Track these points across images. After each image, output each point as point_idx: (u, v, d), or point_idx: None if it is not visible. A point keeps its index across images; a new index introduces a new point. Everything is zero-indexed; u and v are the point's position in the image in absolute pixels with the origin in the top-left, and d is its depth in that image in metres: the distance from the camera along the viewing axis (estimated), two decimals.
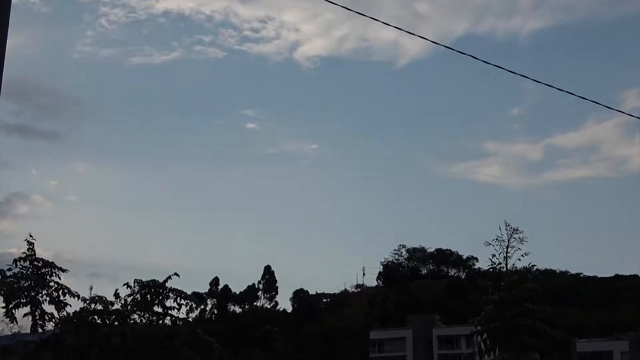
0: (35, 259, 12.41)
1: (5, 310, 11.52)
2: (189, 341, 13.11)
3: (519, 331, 9.03)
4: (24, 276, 12.00)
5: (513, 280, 9.40)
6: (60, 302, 12.23)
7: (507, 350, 8.89)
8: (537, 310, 9.21)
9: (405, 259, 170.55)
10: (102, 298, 12.62)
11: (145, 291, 12.95)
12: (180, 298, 13.17)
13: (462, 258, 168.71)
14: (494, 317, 9.28)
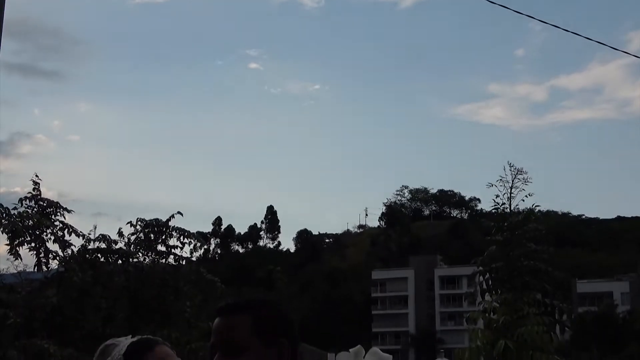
0: (41, 198, 12.40)
1: (9, 247, 11.53)
2: (192, 280, 13.16)
3: (522, 272, 9.08)
4: (28, 215, 12.00)
5: (517, 221, 9.41)
6: (65, 241, 12.26)
7: (509, 290, 8.96)
8: (540, 251, 9.24)
9: (408, 199, 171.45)
10: (106, 237, 12.62)
11: (148, 230, 12.95)
12: (184, 237, 13.17)
13: (464, 199, 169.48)
14: (496, 257, 9.34)
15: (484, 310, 9.28)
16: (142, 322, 11.99)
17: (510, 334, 8.67)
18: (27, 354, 9.46)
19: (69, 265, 11.74)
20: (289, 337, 2.54)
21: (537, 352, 8.38)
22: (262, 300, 2.62)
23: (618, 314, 54.22)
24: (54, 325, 11.31)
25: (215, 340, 2.54)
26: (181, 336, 11.71)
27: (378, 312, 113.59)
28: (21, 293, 12.29)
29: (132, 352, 2.73)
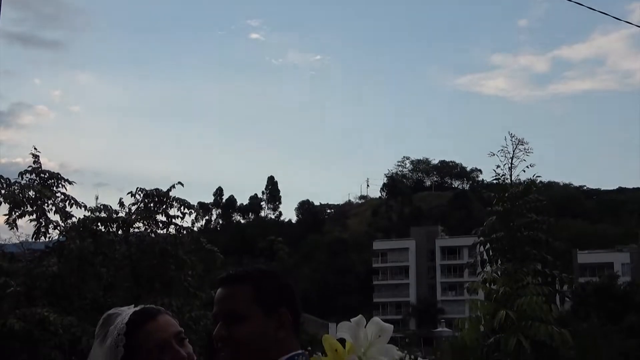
0: (42, 170, 12.40)
1: (7, 217, 11.57)
2: (192, 250, 13.20)
3: (522, 242, 9.08)
4: (29, 187, 12.02)
5: (517, 191, 9.38)
6: (66, 212, 12.28)
7: (509, 260, 8.97)
8: (540, 222, 9.23)
9: (409, 170, 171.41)
10: (107, 207, 12.64)
11: (148, 200, 12.96)
12: (184, 207, 13.18)
13: (466, 170, 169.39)
14: (497, 228, 9.33)
15: (484, 280, 9.31)
16: (144, 291, 12.06)
17: (510, 304, 8.71)
18: (28, 322, 9.52)
19: (70, 235, 11.77)
20: (290, 307, 2.56)
21: (537, 322, 8.42)
22: (263, 270, 2.64)
23: (619, 285, 54.38)
24: (55, 293, 11.37)
25: (217, 310, 2.56)
26: (183, 305, 11.78)
27: (379, 282, 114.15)
28: (22, 262, 12.34)
29: (135, 321, 2.75)
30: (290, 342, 2.53)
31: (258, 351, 2.48)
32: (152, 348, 2.71)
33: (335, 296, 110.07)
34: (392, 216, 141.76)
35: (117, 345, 2.73)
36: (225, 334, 2.51)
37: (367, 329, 2.42)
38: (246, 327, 2.48)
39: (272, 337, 2.49)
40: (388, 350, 2.38)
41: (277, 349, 2.49)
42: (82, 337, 9.58)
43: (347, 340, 2.38)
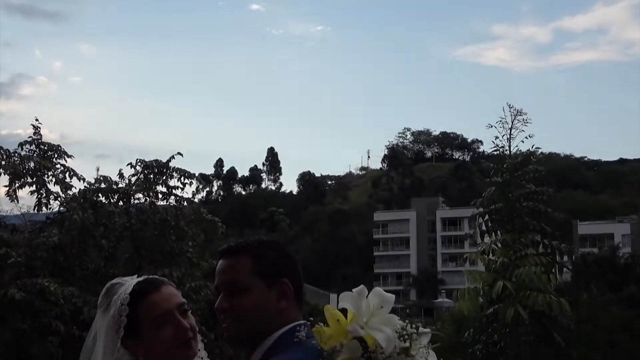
0: (42, 142, 12.37)
1: (7, 188, 11.57)
2: (192, 220, 13.21)
3: (521, 213, 9.06)
4: (29, 158, 12.00)
5: (516, 162, 9.35)
6: (66, 183, 12.28)
7: (508, 231, 8.97)
8: (539, 192, 9.20)
9: (410, 141, 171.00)
10: (107, 178, 12.63)
11: (148, 171, 12.95)
12: (184, 177, 13.17)
13: (467, 141, 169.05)
14: (496, 199, 9.31)
15: (483, 251, 9.33)
16: (145, 261, 12.09)
17: (509, 274, 8.74)
18: (29, 293, 9.56)
19: (70, 206, 11.78)
20: (292, 277, 2.56)
21: (535, 292, 8.45)
22: (264, 240, 2.65)
23: (620, 256, 54.44)
24: (56, 264, 11.40)
25: (218, 281, 2.57)
26: (184, 276, 11.82)
27: (380, 253, 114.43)
28: (23, 233, 12.37)
29: (139, 292, 2.77)
30: (292, 312, 2.54)
31: (260, 322, 2.49)
32: (155, 319, 2.73)
33: (336, 267, 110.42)
34: (392, 187, 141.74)
35: (120, 315, 2.75)
36: (227, 306, 2.53)
37: (368, 299, 2.44)
38: (247, 298, 2.49)
39: (273, 308, 2.49)
40: (389, 321, 2.40)
41: (279, 320, 2.50)
42: (83, 308, 9.63)
43: (349, 310, 2.40)
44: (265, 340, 2.50)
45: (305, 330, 2.48)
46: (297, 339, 2.45)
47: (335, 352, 2.33)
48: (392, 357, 2.31)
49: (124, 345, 2.77)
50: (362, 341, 2.34)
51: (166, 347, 2.71)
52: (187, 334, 2.75)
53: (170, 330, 2.73)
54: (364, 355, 2.31)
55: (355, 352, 2.32)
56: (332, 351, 2.34)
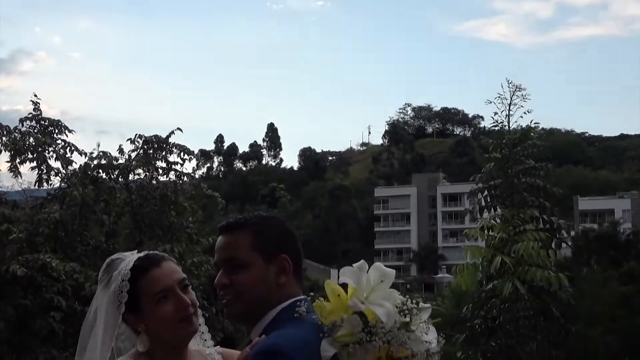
0: (42, 118, 12.35)
1: (10, 164, 11.57)
2: (192, 196, 13.22)
3: (519, 189, 9.07)
4: (30, 134, 11.99)
5: (515, 138, 9.33)
6: (67, 159, 12.28)
7: (507, 207, 8.97)
8: (538, 168, 9.20)
9: (411, 117, 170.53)
10: (107, 154, 12.63)
11: (148, 146, 12.93)
12: (184, 153, 13.17)
13: (468, 117, 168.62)
14: (495, 174, 9.31)
15: (482, 227, 9.34)
16: (145, 237, 12.12)
17: (507, 250, 8.76)
18: (31, 268, 9.60)
19: (71, 182, 11.78)
20: (291, 252, 2.57)
21: (534, 268, 8.48)
22: (263, 216, 2.65)
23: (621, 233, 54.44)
24: (57, 240, 11.43)
25: (218, 257, 2.58)
26: (184, 251, 11.85)
27: (381, 229, 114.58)
28: (25, 209, 12.38)
29: (140, 267, 2.78)
30: (291, 287, 2.55)
31: (259, 297, 2.50)
32: (156, 294, 2.74)
33: (336, 243, 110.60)
34: (393, 163, 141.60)
35: (121, 290, 2.76)
36: (226, 282, 2.54)
37: (369, 274, 2.45)
38: (246, 274, 2.50)
39: (272, 283, 2.51)
40: (390, 295, 2.41)
41: (278, 295, 2.51)
42: (85, 283, 9.67)
43: (350, 285, 2.41)
44: (265, 315, 2.52)
45: (306, 306, 2.49)
46: (297, 314, 2.46)
47: (336, 326, 2.34)
48: (392, 331, 2.32)
49: (125, 320, 2.79)
50: (363, 316, 2.35)
51: (167, 323, 2.73)
52: (188, 309, 2.76)
53: (171, 305, 2.74)
54: (364, 330, 2.32)
55: (355, 327, 2.33)
56: (333, 326, 2.35)
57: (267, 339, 2.38)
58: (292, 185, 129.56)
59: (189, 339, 2.84)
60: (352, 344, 2.31)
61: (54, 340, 9.92)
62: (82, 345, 2.91)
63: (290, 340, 2.33)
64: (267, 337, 2.40)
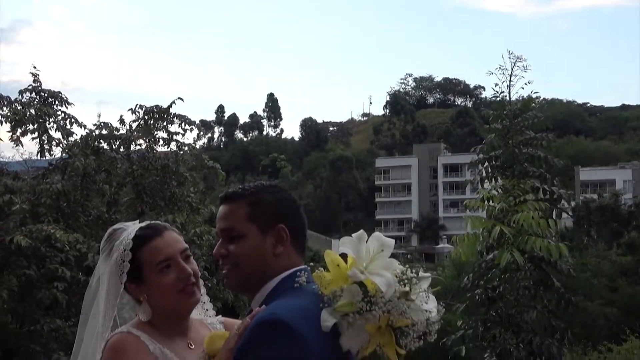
0: (42, 89, 12.31)
1: (11, 135, 11.56)
2: (193, 167, 13.22)
3: (520, 159, 9.08)
4: (30, 105, 11.97)
5: (516, 108, 9.31)
6: (68, 129, 12.26)
7: (507, 177, 8.98)
8: (538, 138, 9.21)
9: (412, 87, 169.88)
10: (107, 124, 12.60)
11: (149, 116, 12.90)
12: (185, 123, 13.14)
13: (469, 87, 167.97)
14: (496, 145, 9.31)
15: (482, 198, 9.35)
16: (147, 207, 12.14)
17: (508, 220, 8.78)
18: (34, 239, 9.63)
19: (72, 152, 11.78)
20: (289, 222, 2.57)
21: (534, 237, 8.50)
22: (262, 186, 2.64)
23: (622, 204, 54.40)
24: (59, 210, 11.45)
25: (217, 227, 2.60)
26: (186, 222, 11.87)
27: (382, 199, 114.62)
28: (26, 179, 12.38)
29: (142, 237, 2.79)
30: (289, 258, 2.55)
31: (255, 267, 2.52)
32: (158, 263, 2.75)
33: (337, 213, 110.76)
34: (394, 133, 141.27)
35: (123, 260, 2.77)
36: (224, 252, 2.56)
37: (368, 244, 2.45)
38: (242, 244, 2.52)
39: (269, 254, 2.52)
40: (389, 265, 2.42)
41: (276, 265, 2.52)
42: (88, 254, 9.70)
43: (349, 255, 2.41)
44: (265, 285, 2.53)
45: (306, 276, 2.50)
46: (297, 284, 2.47)
47: (336, 296, 2.35)
48: (392, 301, 2.33)
49: (127, 289, 2.81)
50: (362, 286, 2.36)
51: (169, 292, 2.74)
52: (190, 279, 2.78)
53: (173, 275, 2.76)
54: (364, 300, 2.32)
55: (355, 297, 2.34)
56: (333, 296, 2.36)
57: (267, 308, 2.40)
58: (293, 155, 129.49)
59: (191, 308, 2.86)
60: (352, 313, 2.32)
61: (57, 310, 9.98)
62: (85, 314, 2.93)
63: (290, 309, 2.34)
64: (267, 307, 2.41)
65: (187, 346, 2.79)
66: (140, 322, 2.76)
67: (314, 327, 2.32)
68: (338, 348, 2.35)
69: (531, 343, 8.61)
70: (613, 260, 39.47)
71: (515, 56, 9.98)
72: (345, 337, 2.35)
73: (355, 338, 2.36)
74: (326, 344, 2.32)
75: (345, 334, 2.35)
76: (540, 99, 10.28)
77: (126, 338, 2.66)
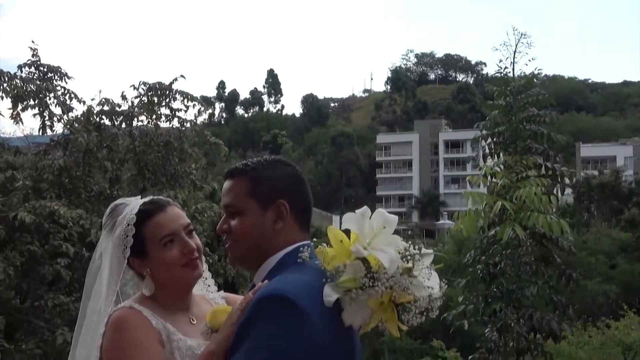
0: (41, 64, 12.25)
1: (12, 111, 11.52)
2: (196, 143, 13.20)
3: (523, 135, 9.06)
4: (30, 80, 11.91)
5: (520, 85, 9.28)
6: (68, 105, 12.21)
7: (510, 154, 8.97)
8: (542, 115, 9.19)
9: (414, 63, 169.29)
10: (109, 100, 12.56)
11: (151, 93, 12.86)
12: (187, 100, 13.10)
13: (470, 63, 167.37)
14: (499, 122, 9.29)
15: (485, 174, 9.35)
16: (148, 184, 12.13)
17: (510, 196, 8.78)
18: (38, 215, 9.64)
19: (75, 128, 11.75)
20: (291, 198, 2.57)
21: (536, 213, 8.50)
22: (265, 161, 2.64)
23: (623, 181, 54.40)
24: (62, 186, 11.44)
25: (221, 203, 2.62)
26: (188, 198, 11.87)
27: (382, 175, 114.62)
28: (28, 155, 12.36)
29: (145, 212, 2.80)
30: (290, 233, 2.56)
31: (255, 243, 2.53)
32: (161, 238, 2.76)
33: (338, 189, 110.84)
34: (395, 109, 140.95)
35: (126, 235, 2.78)
36: (226, 227, 2.58)
37: (372, 220, 2.45)
38: (242, 220, 2.53)
39: (269, 230, 2.53)
40: (393, 241, 2.42)
41: (277, 241, 2.53)
42: (91, 230, 9.71)
43: (352, 231, 2.42)
44: (267, 260, 2.54)
45: (309, 251, 2.50)
46: (300, 259, 2.48)
47: (339, 272, 2.36)
48: (394, 277, 2.33)
49: (130, 264, 2.82)
50: (365, 262, 2.36)
51: (172, 267, 2.76)
52: (193, 253, 2.79)
53: (177, 250, 2.77)
54: (367, 276, 2.33)
55: (358, 272, 2.34)
56: (336, 271, 2.36)
57: (270, 283, 2.41)
58: (294, 132, 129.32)
59: (194, 283, 2.87)
60: (354, 289, 2.33)
61: (60, 286, 10.01)
62: (88, 289, 2.95)
63: (292, 284, 2.35)
64: (270, 282, 2.42)
65: (189, 321, 2.81)
66: (142, 297, 2.77)
67: (316, 302, 2.32)
68: (340, 323, 2.36)
69: (532, 318, 8.65)
70: (613, 238, 39.59)
71: (520, 33, 9.95)
72: (348, 313, 2.36)
73: (357, 313, 2.37)
74: (329, 319, 2.33)
75: (347, 310, 2.36)
76: (541, 75, 10.22)
77: (129, 313, 2.67)
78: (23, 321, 10.12)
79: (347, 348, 2.41)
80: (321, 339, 2.30)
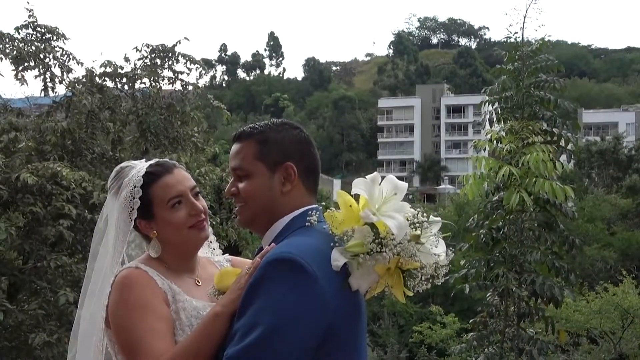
0: (38, 25, 12.13)
1: (15, 72, 11.44)
2: (198, 106, 13.15)
3: (530, 101, 9.04)
4: (28, 41, 11.81)
5: (529, 51, 9.24)
6: (67, 66, 12.12)
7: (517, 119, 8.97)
8: (550, 81, 9.16)
9: (416, 28, 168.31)
10: (111, 62, 12.48)
11: (154, 55, 12.78)
12: (190, 62, 13.02)
13: (473, 27, 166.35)
14: (507, 86, 9.27)
15: (490, 139, 9.32)
16: (151, 146, 12.09)
17: (515, 161, 8.77)
18: (41, 177, 9.62)
19: (77, 90, 11.69)
20: (299, 160, 2.56)
21: (541, 179, 8.50)
22: (272, 124, 2.64)
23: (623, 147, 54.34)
24: (64, 148, 11.42)
25: (230, 166, 2.62)
26: (190, 161, 11.85)
27: (384, 139, 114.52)
28: (30, 117, 12.31)
29: (152, 174, 2.79)
30: (298, 196, 2.56)
31: (263, 206, 2.54)
32: (169, 200, 2.76)
33: (340, 153, 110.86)
34: (397, 74, 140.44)
35: (133, 197, 2.78)
36: (234, 190, 2.59)
37: (382, 186, 2.45)
38: (250, 183, 2.54)
39: (277, 192, 2.53)
40: (401, 208, 2.42)
41: (284, 204, 2.54)
42: (93, 192, 9.71)
43: (362, 196, 2.41)
44: (275, 223, 2.55)
45: (317, 215, 2.51)
46: (308, 222, 2.49)
47: (347, 236, 2.36)
48: (402, 243, 2.34)
49: (136, 226, 2.82)
50: (374, 227, 2.36)
51: (179, 228, 2.76)
52: (200, 215, 2.80)
53: (184, 211, 2.77)
54: (374, 241, 2.33)
55: (366, 237, 2.34)
56: (344, 236, 2.36)
57: (278, 247, 2.42)
58: (296, 95, 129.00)
59: (201, 244, 2.89)
60: (362, 254, 2.33)
61: (62, 247, 10.03)
62: (94, 252, 2.96)
63: (300, 248, 2.36)
64: (278, 245, 2.43)
65: (195, 283, 2.82)
66: (148, 258, 2.79)
67: (324, 265, 2.33)
68: (347, 287, 2.36)
69: (534, 283, 8.67)
70: (612, 204, 39.71)
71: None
72: (355, 277, 2.37)
73: (364, 278, 2.38)
74: (336, 283, 2.34)
75: (354, 274, 2.37)
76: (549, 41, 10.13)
77: (135, 273, 2.69)
78: (25, 282, 10.16)
79: (354, 311, 2.42)
80: (329, 302, 2.30)
